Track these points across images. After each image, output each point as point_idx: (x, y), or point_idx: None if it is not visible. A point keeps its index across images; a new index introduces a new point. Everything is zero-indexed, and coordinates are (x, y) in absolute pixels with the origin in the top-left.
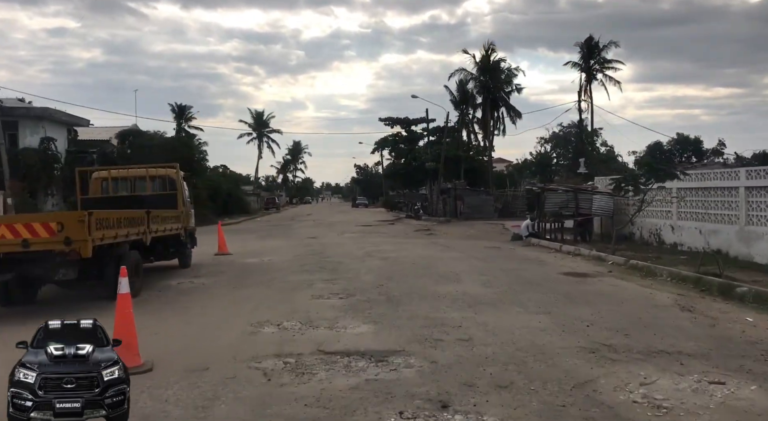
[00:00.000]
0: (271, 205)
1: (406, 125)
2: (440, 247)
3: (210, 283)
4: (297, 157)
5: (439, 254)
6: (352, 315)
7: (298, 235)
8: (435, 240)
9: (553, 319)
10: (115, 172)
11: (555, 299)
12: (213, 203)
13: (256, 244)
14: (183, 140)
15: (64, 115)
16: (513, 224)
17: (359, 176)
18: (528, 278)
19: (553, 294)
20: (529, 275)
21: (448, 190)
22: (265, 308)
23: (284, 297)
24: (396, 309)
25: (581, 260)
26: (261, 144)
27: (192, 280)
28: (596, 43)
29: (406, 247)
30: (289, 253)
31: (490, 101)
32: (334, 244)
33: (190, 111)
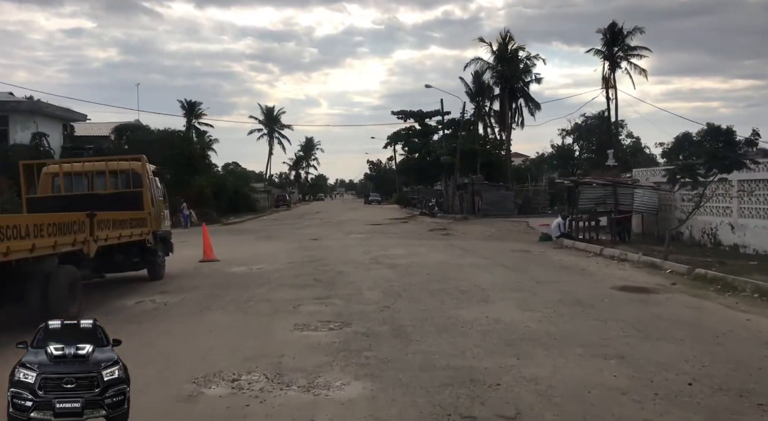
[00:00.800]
0: (282, 202)
1: (419, 118)
2: (459, 250)
3: (174, 302)
4: (309, 154)
5: (459, 259)
6: (343, 363)
7: (301, 236)
8: (452, 242)
9: (633, 369)
10: (68, 167)
11: (621, 330)
12: (218, 201)
13: (250, 247)
14: (183, 135)
15: (57, 109)
16: (540, 222)
17: (372, 172)
18: (575, 294)
19: (616, 322)
20: (575, 290)
21: (464, 186)
22: (225, 347)
23: (258, 327)
24: (405, 351)
25: (631, 268)
26: (272, 140)
27: (155, 298)
28: (620, 29)
29: (420, 250)
30: (284, 259)
31: (508, 92)
32: (337, 247)
33: (200, 108)
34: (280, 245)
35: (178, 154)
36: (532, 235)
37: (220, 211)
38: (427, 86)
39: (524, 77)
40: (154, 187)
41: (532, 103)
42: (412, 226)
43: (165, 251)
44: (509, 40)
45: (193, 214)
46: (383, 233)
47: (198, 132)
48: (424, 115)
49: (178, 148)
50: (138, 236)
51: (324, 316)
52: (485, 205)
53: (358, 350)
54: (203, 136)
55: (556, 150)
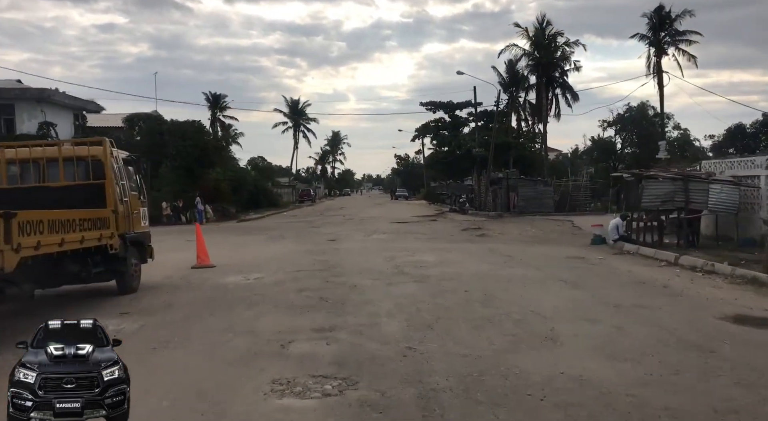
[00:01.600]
0: (306, 197)
1: (449, 110)
2: (500, 257)
3: (129, 331)
4: (336, 148)
5: (502, 269)
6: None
7: (317, 236)
8: (491, 245)
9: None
10: (11, 153)
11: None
12: (237, 196)
13: (256, 249)
14: (197, 125)
15: (67, 98)
16: (593, 222)
17: (399, 167)
18: (675, 330)
19: (758, 390)
20: (671, 321)
21: (498, 181)
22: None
23: (218, 384)
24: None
25: (727, 285)
26: (297, 134)
27: (107, 323)
28: (668, 13)
29: (453, 256)
30: (291, 266)
31: (545, 81)
32: (356, 251)
33: (224, 100)
34: (290, 247)
35: (191, 145)
36: (580, 237)
37: (239, 206)
38: (459, 73)
39: (562, 65)
40: (124, 179)
41: (570, 94)
42: (441, 224)
43: (140, 258)
44: (546, 25)
45: (209, 209)
46: (410, 234)
47: (222, 125)
48: (454, 106)
49: (191, 140)
50: (96, 241)
51: (320, 364)
52: (521, 201)
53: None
54: (228, 130)
55: (596, 143)
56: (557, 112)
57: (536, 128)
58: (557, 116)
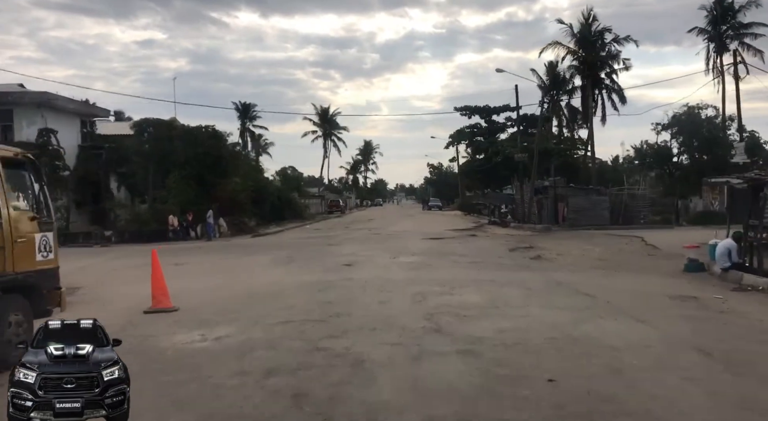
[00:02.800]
0: (335, 208)
1: (486, 115)
2: (576, 295)
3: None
4: (368, 157)
5: (588, 323)
6: None
7: (332, 257)
8: (554, 274)
9: None
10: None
11: None
12: (258, 208)
13: (249, 278)
14: (211, 131)
15: (71, 102)
16: (686, 243)
17: (432, 176)
18: None
19: None
20: None
21: (544, 190)
22: None
23: None
24: None
25: None
26: (327, 143)
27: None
28: (730, 3)
29: (509, 295)
30: (279, 310)
31: (591, 82)
32: (374, 283)
33: (254, 110)
34: (294, 275)
35: (203, 153)
36: (662, 260)
37: (261, 218)
38: (498, 70)
39: (610, 63)
40: None
41: (618, 96)
42: (483, 241)
43: (31, 311)
44: (592, 20)
45: (223, 223)
46: (446, 255)
47: (252, 135)
48: (490, 110)
49: (203, 146)
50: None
51: None
52: (572, 213)
53: None
54: (258, 140)
55: (650, 148)
56: (603, 115)
57: (576, 134)
58: (602, 120)
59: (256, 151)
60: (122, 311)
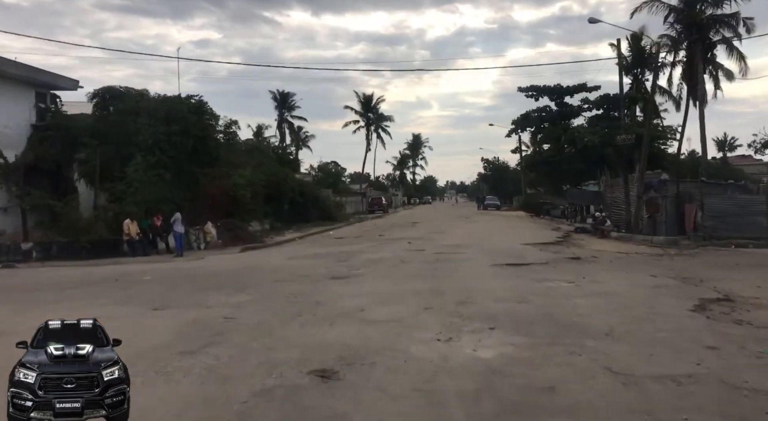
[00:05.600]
0: (377, 207)
1: (556, 96)
2: None
3: None
4: (417, 152)
5: None
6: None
7: (313, 324)
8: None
9: None
10: None
11: None
12: (273, 208)
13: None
14: (189, 103)
15: (16, 67)
16: None
17: (487, 172)
18: None
19: None
20: None
21: (659, 186)
22: None
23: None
24: None
25: None
26: (369, 134)
27: None
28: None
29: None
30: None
31: (702, 48)
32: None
33: (293, 99)
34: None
35: (180, 132)
36: None
37: (278, 220)
38: (591, 21)
39: (728, 21)
40: None
41: (743, 61)
42: (607, 275)
43: None
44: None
45: (212, 229)
46: (568, 331)
47: (291, 127)
48: (562, 91)
49: (179, 124)
50: None
51: None
52: (709, 219)
53: None
54: (298, 132)
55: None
56: (716, 88)
57: (660, 124)
58: (714, 96)
59: (295, 144)
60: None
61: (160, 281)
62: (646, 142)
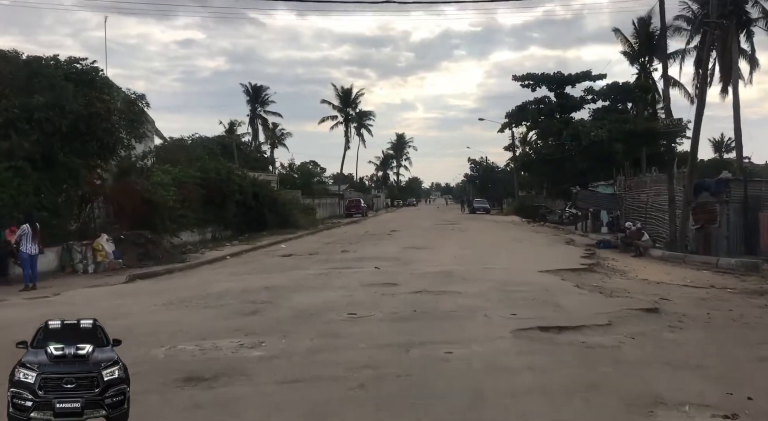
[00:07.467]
0: (355, 210)
1: (557, 85)
2: None
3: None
4: (401, 153)
5: None
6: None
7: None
8: None
9: None
10: None
11: None
12: (215, 214)
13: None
14: (68, 69)
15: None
16: None
17: (474, 173)
18: None
19: None
20: None
21: (717, 189)
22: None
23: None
24: None
25: None
26: (348, 130)
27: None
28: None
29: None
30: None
31: (736, 20)
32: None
33: (266, 93)
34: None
35: (50, 106)
36: None
37: (229, 227)
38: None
39: None
40: None
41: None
42: (713, 344)
43: None
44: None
45: (105, 245)
46: None
47: (264, 123)
48: (563, 80)
49: (48, 95)
50: None
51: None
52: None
53: None
54: (273, 129)
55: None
56: (752, 69)
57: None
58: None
59: (270, 142)
60: None
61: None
62: (697, 128)
